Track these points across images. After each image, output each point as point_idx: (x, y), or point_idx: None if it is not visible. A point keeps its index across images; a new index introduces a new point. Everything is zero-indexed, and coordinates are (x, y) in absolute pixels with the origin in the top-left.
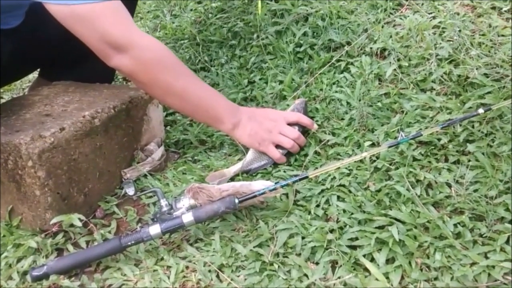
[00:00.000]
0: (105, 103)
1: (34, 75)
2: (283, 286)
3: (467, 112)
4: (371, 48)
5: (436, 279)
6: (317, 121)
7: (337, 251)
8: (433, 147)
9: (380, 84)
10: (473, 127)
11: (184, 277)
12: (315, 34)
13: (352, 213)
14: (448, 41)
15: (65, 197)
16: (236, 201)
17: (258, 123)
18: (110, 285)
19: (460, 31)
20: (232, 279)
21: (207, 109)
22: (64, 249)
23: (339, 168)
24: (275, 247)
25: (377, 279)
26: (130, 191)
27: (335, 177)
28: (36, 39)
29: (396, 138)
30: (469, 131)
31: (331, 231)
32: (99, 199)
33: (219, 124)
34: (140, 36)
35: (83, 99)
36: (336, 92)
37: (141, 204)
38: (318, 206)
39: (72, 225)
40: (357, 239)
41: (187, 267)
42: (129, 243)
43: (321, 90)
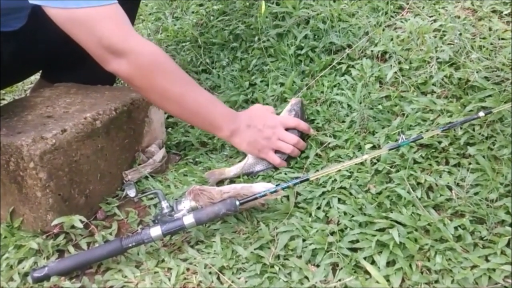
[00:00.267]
0: (106, 105)
1: (36, 77)
2: None
3: (467, 115)
4: (372, 51)
5: (436, 282)
6: (318, 123)
7: (337, 253)
8: (434, 150)
9: (381, 87)
10: (474, 130)
11: (184, 279)
12: (316, 37)
13: (352, 216)
14: (448, 44)
15: (66, 199)
16: (237, 203)
17: (257, 131)
18: (111, 287)
19: (460, 34)
20: (232, 281)
21: (205, 115)
22: (65, 251)
23: (340, 170)
24: (275, 249)
25: (377, 282)
26: (131, 193)
27: (336, 180)
28: (38, 41)
29: (396, 140)
30: (470, 134)
31: (332, 233)
32: (100, 201)
33: (217, 131)
34: (138, 41)
35: (85, 101)
36: (337, 94)
37: (142, 205)
38: (319, 208)
39: (73, 227)
40: (357, 241)
41: (188, 269)
42: (130, 245)
43: (322, 92)
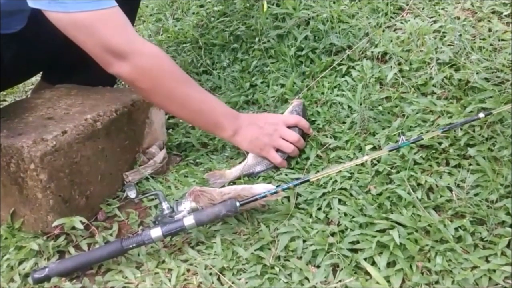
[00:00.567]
0: (107, 106)
1: (37, 78)
2: None
3: (467, 116)
4: (372, 52)
5: (437, 282)
6: (318, 124)
7: (338, 254)
8: (434, 151)
9: (381, 88)
10: (474, 131)
11: (185, 280)
12: (317, 38)
13: (353, 217)
14: (448, 45)
15: (67, 200)
16: (237, 204)
17: (258, 128)
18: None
19: (460, 35)
20: (233, 282)
21: (208, 116)
22: (65, 252)
23: (340, 171)
24: (276, 250)
25: (378, 283)
26: (131, 194)
27: (336, 181)
28: (38, 43)
29: (397, 142)
30: (470, 135)
31: (332, 234)
32: (100, 202)
33: (219, 130)
34: (140, 43)
35: (85, 102)
36: (337, 95)
37: (142, 207)
38: (319, 209)
39: (73, 228)
40: (358, 242)
41: (188, 270)
42: (131, 246)
43: (323, 93)
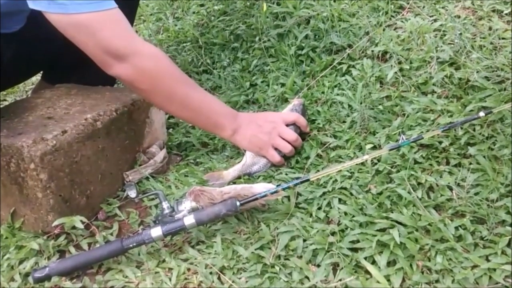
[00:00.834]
0: (107, 106)
1: (37, 78)
2: None
3: (468, 115)
4: (373, 51)
5: (437, 281)
6: (318, 123)
7: (338, 253)
8: (434, 150)
9: (381, 87)
10: (474, 130)
11: (185, 279)
12: (317, 37)
13: (353, 216)
14: (449, 44)
15: (67, 200)
16: (237, 203)
17: (257, 126)
18: (111, 287)
19: (461, 34)
20: (233, 281)
21: (208, 115)
22: (66, 251)
23: (340, 170)
24: (276, 249)
25: (378, 282)
26: (132, 194)
27: (336, 180)
28: (38, 42)
29: (397, 141)
30: (470, 134)
31: (333, 233)
32: (101, 202)
33: (219, 130)
34: (140, 44)
35: (86, 102)
36: (337, 95)
37: (143, 206)
38: (319, 208)
39: (74, 227)
40: (358, 241)
41: (189, 269)
42: (131, 245)
43: (323, 93)
